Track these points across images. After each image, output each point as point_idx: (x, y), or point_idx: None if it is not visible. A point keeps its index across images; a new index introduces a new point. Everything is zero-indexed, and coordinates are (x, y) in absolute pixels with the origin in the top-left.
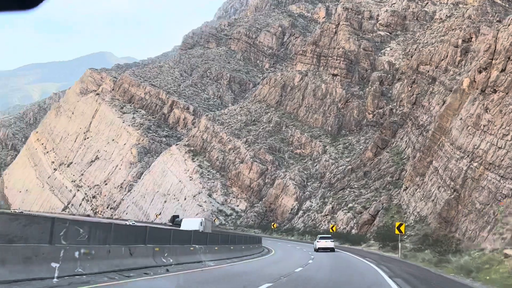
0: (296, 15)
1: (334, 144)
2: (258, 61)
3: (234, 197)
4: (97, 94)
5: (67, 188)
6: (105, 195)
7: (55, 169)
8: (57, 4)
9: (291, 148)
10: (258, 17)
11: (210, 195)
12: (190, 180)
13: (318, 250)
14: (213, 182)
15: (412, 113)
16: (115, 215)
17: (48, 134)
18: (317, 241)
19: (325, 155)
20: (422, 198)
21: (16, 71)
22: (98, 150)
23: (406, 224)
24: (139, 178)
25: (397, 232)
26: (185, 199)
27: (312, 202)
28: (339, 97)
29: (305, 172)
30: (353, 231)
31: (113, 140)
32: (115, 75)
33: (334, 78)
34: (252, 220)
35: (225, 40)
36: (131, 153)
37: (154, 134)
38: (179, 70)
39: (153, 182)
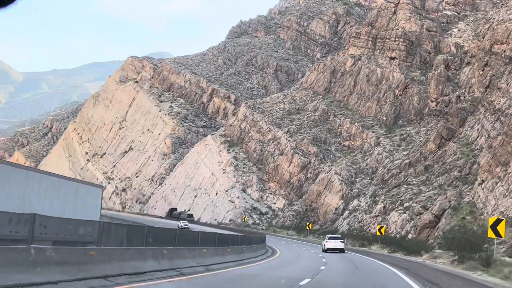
0: (352, 3)
1: (389, 135)
2: (308, 50)
3: (271, 194)
4: (136, 82)
5: (98, 180)
6: (134, 188)
7: (88, 160)
8: (119, 5)
9: (339, 139)
10: (311, 4)
11: (244, 190)
12: (223, 173)
13: (327, 250)
14: (248, 176)
15: (485, 98)
16: (143, 210)
17: (85, 123)
18: (326, 241)
19: (378, 147)
20: (507, 193)
21: (78, 69)
22: (132, 141)
23: (484, 227)
24: (172, 171)
25: (491, 234)
26: (216, 194)
27: (360, 201)
28: (396, 83)
29: (353, 166)
30: (410, 236)
31: (148, 130)
32: (156, 63)
33: (392, 61)
34: (289, 220)
35: (275, 29)
36: (165, 143)
37: (190, 124)
38: (222, 58)
39: (184, 174)
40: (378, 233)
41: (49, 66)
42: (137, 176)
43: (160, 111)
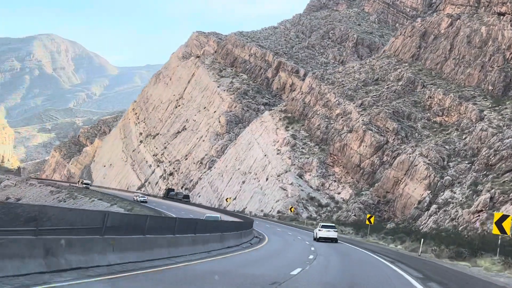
0: None
1: (497, 108)
2: (397, 24)
3: (334, 181)
4: (198, 57)
5: (147, 163)
6: (181, 172)
7: (141, 142)
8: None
9: (428, 114)
10: None
11: (300, 176)
12: (278, 154)
13: (318, 239)
14: (307, 158)
15: None
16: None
17: (143, 103)
18: (319, 230)
19: (481, 123)
20: None
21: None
22: (186, 120)
23: None
24: (224, 153)
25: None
26: (267, 179)
27: (454, 192)
28: (507, 43)
29: (446, 147)
30: None
31: (204, 108)
32: (221, 37)
33: (501, 18)
34: (354, 215)
35: (358, 1)
36: (219, 121)
37: (250, 100)
38: (295, 31)
39: (235, 156)
40: (497, 233)
41: (143, 61)
42: (186, 159)
43: (218, 87)
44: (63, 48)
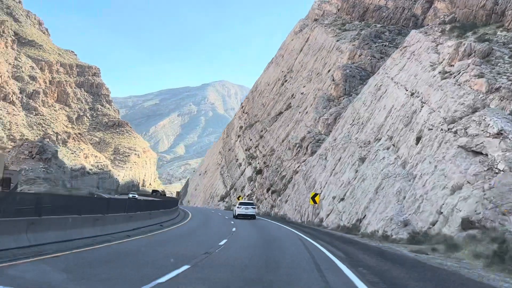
0: None
1: None
2: None
3: None
4: (315, 20)
5: (237, 161)
6: (271, 166)
7: (238, 137)
8: None
9: None
10: None
11: None
12: (445, 79)
13: (237, 217)
14: None
15: None
16: (274, 209)
17: (251, 93)
18: (237, 207)
19: None
20: None
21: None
22: (292, 95)
23: None
24: (335, 125)
25: None
26: (418, 141)
27: None
28: None
29: None
30: None
31: (317, 74)
32: None
33: None
34: None
35: None
36: (332, 80)
37: (386, 44)
38: None
39: (351, 118)
40: None
41: None
42: (281, 144)
43: (337, 41)
44: (233, 92)
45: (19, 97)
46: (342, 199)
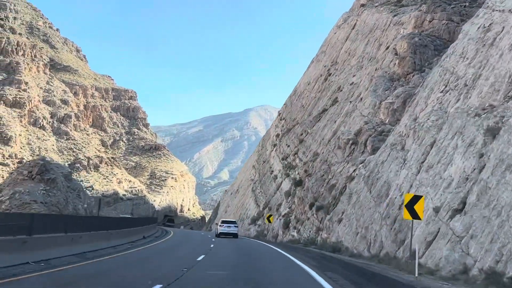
0: None
1: None
2: None
3: None
4: (362, 5)
5: (271, 174)
6: (316, 173)
7: (274, 146)
8: None
9: None
10: None
11: None
12: None
13: (219, 235)
14: None
15: None
16: (321, 233)
17: (289, 98)
18: (220, 225)
19: None
20: None
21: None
22: (339, 87)
23: None
24: (405, 108)
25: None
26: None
27: None
28: None
29: None
30: None
31: (370, 59)
32: None
33: None
34: None
35: None
36: (395, 53)
37: (465, 4)
38: None
39: (442, 81)
40: None
41: None
42: (327, 145)
43: (395, 16)
44: (275, 115)
45: (49, 122)
46: (459, 211)
